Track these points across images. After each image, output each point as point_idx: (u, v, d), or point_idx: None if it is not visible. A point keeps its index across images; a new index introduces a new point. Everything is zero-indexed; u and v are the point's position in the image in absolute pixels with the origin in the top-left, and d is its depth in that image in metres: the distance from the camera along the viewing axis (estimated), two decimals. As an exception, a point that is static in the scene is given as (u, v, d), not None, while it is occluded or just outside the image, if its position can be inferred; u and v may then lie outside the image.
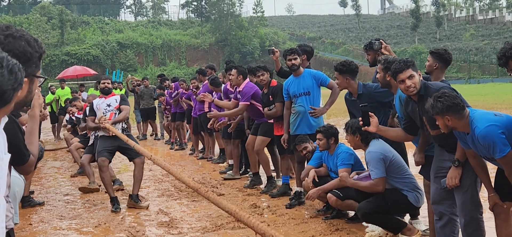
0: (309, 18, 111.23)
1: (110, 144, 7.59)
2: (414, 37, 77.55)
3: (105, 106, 7.81)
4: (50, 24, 68.29)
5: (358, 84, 5.96)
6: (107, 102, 7.84)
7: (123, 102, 7.87)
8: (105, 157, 7.51)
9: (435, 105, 3.90)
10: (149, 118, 17.23)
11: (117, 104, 7.83)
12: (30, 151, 2.70)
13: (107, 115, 7.67)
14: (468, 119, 3.91)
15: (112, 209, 7.44)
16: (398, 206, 5.49)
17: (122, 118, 7.76)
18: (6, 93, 1.30)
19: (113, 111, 7.78)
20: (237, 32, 74.80)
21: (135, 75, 56.54)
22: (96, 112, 7.83)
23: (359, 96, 5.90)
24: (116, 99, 7.89)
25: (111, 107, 7.81)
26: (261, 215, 6.81)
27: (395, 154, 5.52)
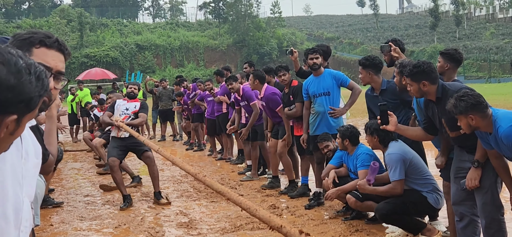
0: (327, 18, 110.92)
1: (120, 144, 8.01)
2: (433, 37, 76.90)
3: (123, 109, 8.27)
4: (70, 27, 68.97)
5: (382, 80, 5.93)
6: (126, 106, 8.32)
7: (142, 109, 8.35)
8: (115, 158, 7.84)
9: (458, 105, 3.85)
10: (167, 119, 17.31)
11: (135, 109, 8.32)
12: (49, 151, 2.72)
13: (121, 117, 8.13)
14: (491, 119, 3.86)
15: (121, 206, 7.72)
16: (417, 207, 5.43)
17: (137, 124, 8.23)
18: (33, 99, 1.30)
19: (129, 114, 8.27)
20: (254, 33, 74.82)
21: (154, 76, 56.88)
22: (115, 110, 8.28)
23: (381, 92, 5.86)
24: (136, 105, 8.37)
25: (128, 111, 8.29)
26: (280, 215, 6.79)
27: (414, 155, 5.48)
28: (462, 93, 3.91)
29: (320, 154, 7.22)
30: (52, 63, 1.91)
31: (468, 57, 62.25)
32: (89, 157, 13.53)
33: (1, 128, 1.28)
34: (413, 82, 4.46)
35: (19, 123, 1.33)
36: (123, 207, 7.69)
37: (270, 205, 7.33)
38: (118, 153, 7.94)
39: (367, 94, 6.17)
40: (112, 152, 7.95)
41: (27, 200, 1.82)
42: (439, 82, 4.43)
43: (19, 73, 1.26)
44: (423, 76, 4.38)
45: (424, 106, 4.69)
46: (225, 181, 9.35)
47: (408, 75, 4.49)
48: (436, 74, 4.44)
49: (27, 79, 1.28)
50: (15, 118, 1.29)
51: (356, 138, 6.29)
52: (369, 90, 6.13)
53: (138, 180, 9.50)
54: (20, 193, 1.76)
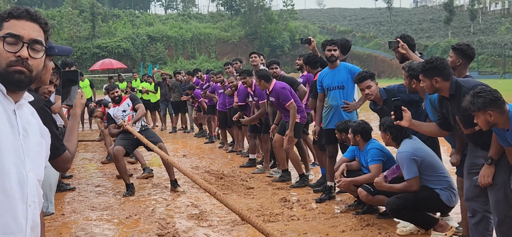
0: (340, 11, 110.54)
1: (129, 137, 8.22)
2: (447, 31, 76.35)
3: (121, 113, 8.59)
4: (82, 17, 69.20)
5: (380, 91, 5.91)
6: (121, 109, 8.64)
7: (135, 102, 8.66)
8: (120, 147, 8.13)
9: (475, 101, 3.80)
10: (179, 111, 17.34)
11: (130, 106, 8.66)
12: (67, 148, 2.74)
13: (125, 119, 8.44)
14: (509, 115, 3.80)
15: (124, 193, 8.02)
16: (428, 203, 5.38)
17: (139, 116, 8.51)
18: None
19: (129, 113, 8.58)
20: (267, 26, 74.69)
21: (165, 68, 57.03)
22: (115, 120, 8.60)
23: (384, 102, 5.84)
24: (128, 103, 8.69)
25: (127, 111, 8.61)
26: (290, 209, 6.77)
27: (428, 153, 5.43)
28: (479, 89, 3.85)
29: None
30: (22, 31, 1.87)
31: (483, 52, 61.76)
32: (101, 148, 13.58)
33: None
34: (426, 78, 4.42)
35: None
36: (126, 195, 7.95)
37: (280, 198, 7.30)
38: (125, 145, 8.21)
39: (372, 109, 6.18)
40: (119, 142, 8.24)
41: (33, 176, 1.87)
42: (452, 78, 4.37)
43: None
44: (436, 72, 4.34)
45: (438, 103, 4.65)
46: (236, 173, 9.34)
47: (421, 71, 4.46)
48: (449, 71, 4.39)
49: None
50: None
51: (368, 133, 6.25)
52: (372, 104, 6.11)
53: (149, 171, 9.57)
54: (23, 168, 1.82)
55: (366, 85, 5.91)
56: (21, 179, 1.80)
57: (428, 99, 4.94)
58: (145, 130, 8.46)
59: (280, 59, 11.02)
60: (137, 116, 8.46)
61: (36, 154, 1.92)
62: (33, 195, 1.86)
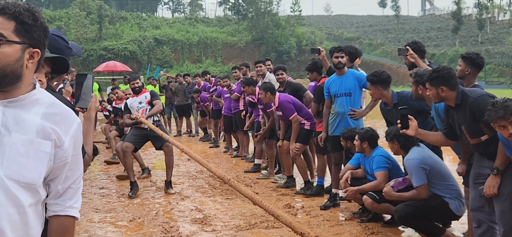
0: (347, 18, 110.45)
1: (140, 133, 8.46)
2: (455, 40, 76.13)
3: (137, 104, 8.64)
4: (89, 19, 69.41)
5: (392, 93, 5.86)
6: (138, 100, 8.68)
7: (154, 97, 8.67)
8: (130, 144, 8.31)
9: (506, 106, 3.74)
10: (184, 114, 17.34)
11: (147, 99, 8.66)
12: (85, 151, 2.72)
13: (140, 111, 8.49)
14: None
15: (129, 194, 8.11)
16: (437, 212, 5.33)
17: (156, 112, 8.48)
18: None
19: (145, 106, 8.60)
20: (274, 31, 74.67)
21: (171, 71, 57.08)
22: (131, 110, 8.58)
23: (394, 106, 5.80)
24: (146, 96, 8.71)
25: (142, 104, 8.62)
26: (295, 215, 6.73)
27: (436, 161, 5.39)
28: (505, 99, 3.79)
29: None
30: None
31: (490, 62, 61.55)
32: (105, 150, 13.59)
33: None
34: (432, 86, 4.41)
35: None
36: (131, 195, 8.05)
37: (285, 205, 7.27)
38: (135, 140, 8.40)
39: (382, 108, 6.13)
40: (129, 138, 8.42)
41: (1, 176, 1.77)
42: (459, 88, 4.35)
43: None
44: (442, 82, 4.32)
45: (444, 112, 4.63)
46: (241, 179, 9.31)
47: (428, 80, 4.45)
48: (455, 80, 4.36)
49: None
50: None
51: (375, 141, 6.22)
52: (383, 103, 6.08)
53: (148, 171, 9.79)
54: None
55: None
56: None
57: (434, 108, 4.92)
58: (157, 126, 8.37)
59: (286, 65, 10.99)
60: (153, 111, 8.45)
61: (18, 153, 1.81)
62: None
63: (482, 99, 4.18)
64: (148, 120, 8.19)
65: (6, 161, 1.78)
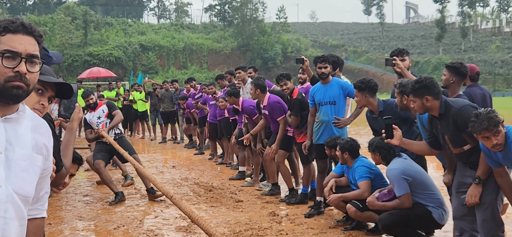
0: (333, 25, 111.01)
1: (104, 148, 8.51)
2: (439, 48, 76.87)
3: (96, 119, 8.71)
4: (74, 25, 69.03)
5: (378, 101, 5.91)
6: (96, 115, 8.75)
7: (111, 108, 8.73)
8: (100, 160, 8.33)
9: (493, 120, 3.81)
10: (169, 121, 17.31)
11: (105, 113, 8.75)
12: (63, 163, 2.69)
13: (100, 126, 8.58)
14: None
15: (110, 201, 8.12)
16: (421, 221, 5.37)
17: (116, 123, 8.61)
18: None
19: (104, 120, 8.68)
20: (259, 38, 74.83)
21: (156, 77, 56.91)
22: (91, 125, 8.74)
23: (380, 114, 5.84)
24: (103, 109, 8.79)
25: (102, 118, 8.71)
26: (279, 223, 6.74)
27: (418, 171, 5.43)
28: (488, 110, 3.85)
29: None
30: (20, 47, 1.86)
31: (473, 70, 62.18)
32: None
33: None
34: (416, 98, 4.44)
35: None
36: (113, 202, 8.04)
37: (269, 213, 7.27)
38: (103, 156, 8.43)
39: (368, 116, 6.18)
40: (97, 155, 8.44)
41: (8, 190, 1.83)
42: (442, 98, 4.40)
43: None
44: (426, 91, 4.36)
45: (428, 122, 4.68)
46: (225, 186, 9.30)
47: (411, 91, 4.48)
48: (438, 89, 4.41)
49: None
50: None
51: (356, 151, 6.24)
52: (368, 111, 6.12)
53: (130, 178, 9.80)
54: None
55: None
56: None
57: (419, 117, 4.97)
58: (119, 138, 8.59)
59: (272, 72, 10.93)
60: (113, 123, 8.54)
61: (21, 168, 1.88)
62: (4, 210, 1.81)
63: (465, 109, 4.23)
64: (110, 133, 8.42)
65: (12, 176, 1.84)
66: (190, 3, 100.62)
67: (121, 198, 8.18)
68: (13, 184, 1.84)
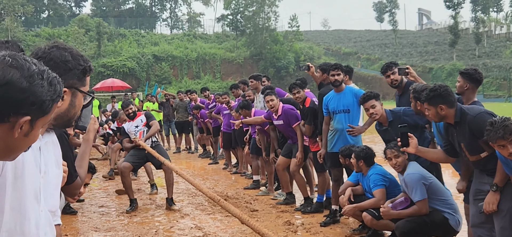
0: (345, 33, 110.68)
1: (138, 153, 8.66)
2: (452, 54, 76.31)
3: (134, 128, 8.93)
4: (88, 36, 69.52)
5: (386, 112, 5.89)
6: (134, 124, 8.98)
7: (149, 119, 8.93)
8: (128, 164, 8.51)
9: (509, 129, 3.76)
10: (183, 131, 17.33)
11: (143, 122, 8.98)
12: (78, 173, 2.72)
13: (137, 135, 8.80)
14: None
15: (127, 209, 8.28)
16: (437, 228, 5.34)
17: (153, 133, 8.81)
18: (45, 103, 1.40)
19: (142, 129, 8.91)
20: (272, 46, 74.76)
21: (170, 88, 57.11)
22: (129, 134, 8.92)
23: (390, 124, 5.82)
24: (141, 119, 9.03)
25: (140, 127, 8.93)
26: (295, 232, 6.72)
27: (433, 177, 5.40)
28: (503, 118, 3.81)
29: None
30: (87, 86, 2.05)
31: (488, 76, 61.69)
32: (105, 167, 13.56)
33: (15, 128, 1.37)
34: (431, 106, 4.41)
35: (32, 125, 1.41)
36: (129, 210, 8.20)
37: (285, 222, 7.26)
38: (134, 161, 8.59)
39: (378, 130, 6.16)
40: (128, 159, 8.60)
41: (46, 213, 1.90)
42: (457, 105, 4.36)
43: (31, 77, 1.37)
44: (440, 100, 4.33)
45: (444, 130, 4.64)
46: (240, 195, 9.30)
47: (425, 100, 4.45)
48: (453, 98, 4.38)
49: (39, 83, 1.38)
50: (28, 120, 1.38)
51: (371, 159, 6.21)
52: (377, 124, 6.10)
53: (156, 188, 10.04)
54: (37, 208, 1.84)
55: (371, 105, 5.91)
56: (37, 220, 1.82)
57: (435, 125, 4.93)
58: (156, 146, 8.73)
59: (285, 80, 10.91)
60: (150, 133, 8.75)
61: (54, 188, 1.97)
62: (45, 233, 1.87)
63: (481, 116, 4.20)
64: (147, 141, 8.55)
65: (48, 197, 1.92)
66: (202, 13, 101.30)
67: (134, 206, 8.36)
68: (48, 204, 1.92)
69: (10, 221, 1.71)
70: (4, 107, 1.32)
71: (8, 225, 1.70)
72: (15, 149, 1.45)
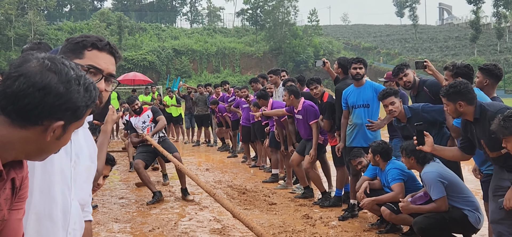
0: (365, 28, 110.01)
1: (148, 150, 8.76)
2: (474, 49, 75.47)
3: (141, 124, 9.02)
4: (109, 30, 70.05)
5: (404, 109, 5.86)
6: (141, 120, 9.03)
7: (156, 114, 9.06)
8: (140, 161, 8.61)
9: (508, 125, 3.75)
10: (203, 124, 17.42)
11: (150, 117, 9.10)
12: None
13: (145, 130, 8.94)
14: None
15: (148, 202, 8.33)
16: (456, 224, 5.31)
17: (160, 128, 8.94)
18: (79, 109, 1.40)
19: (149, 125, 9.04)
20: (291, 41, 74.63)
21: (189, 81, 57.36)
22: (136, 129, 8.97)
23: (408, 120, 5.80)
24: (148, 115, 9.15)
25: (146, 123, 9.08)
26: (313, 226, 6.74)
27: (453, 175, 5.38)
28: (510, 113, 3.80)
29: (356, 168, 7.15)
30: (103, 65, 1.94)
31: (509, 71, 61.00)
32: (124, 159, 13.70)
33: (48, 132, 1.37)
34: (450, 102, 4.39)
35: (65, 129, 1.41)
36: (150, 203, 8.24)
37: (303, 215, 7.28)
38: (144, 158, 8.68)
39: (396, 126, 6.14)
40: (139, 156, 8.72)
41: (76, 203, 1.90)
42: (477, 102, 4.34)
43: (68, 82, 1.36)
44: (459, 96, 4.30)
45: (462, 127, 4.61)
46: (259, 189, 9.34)
47: (445, 95, 4.42)
48: (473, 95, 4.35)
49: (76, 89, 1.38)
50: (61, 124, 1.38)
51: (388, 154, 6.19)
52: (396, 120, 6.08)
53: (168, 179, 10.23)
54: (68, 195, 1.85)
55: (390, 102, 5.88)
56: (66, 207, 1.83)
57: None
58: (163, 141, 8.91)
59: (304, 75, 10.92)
60: (157, 128, 8.87)
61: (84, 180, 1.96)
62: (74, 223, 1.88)
63: (502, 113, 4.17)
64: (154, 137, 8.74)
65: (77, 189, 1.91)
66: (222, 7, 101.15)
67: (159, 197, 8.42)
68: (78, 196, 1.91)
69: (38, 204, 1.73)
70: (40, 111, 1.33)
71: (37, 207, 1.73)
72: (46, 151, 1.46)
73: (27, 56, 1.40)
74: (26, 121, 1.35)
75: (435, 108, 5.66)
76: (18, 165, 1.47)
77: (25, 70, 1.34)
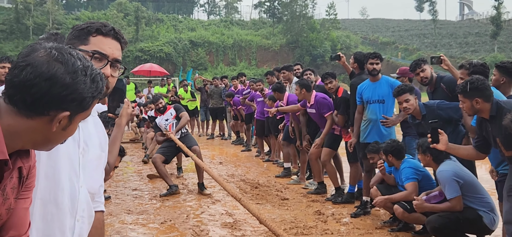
0: (383, 22, 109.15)
1: (170, 145, 8.83)
2: (494, 46, 74.54)
3: (164, 122, 9.18)
4: (126, 20, 70.37)
5: (419, 105, 5.79)
6: (165, 118, 9.22)
7: (178, 111, 9.16)
8: (160, 155, 8.72)
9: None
10: (217, 117, 17.42)
11: (173, 115, 9.19)
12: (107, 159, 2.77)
13: (167, 127, 9.04)
14: None
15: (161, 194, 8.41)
16: (471, 225, 5.24)
17: (183, 125, 9.01)
18: (85, 99, 1.41)
19: (171, 122, 9.12)
20: (308, 34, 74.36)
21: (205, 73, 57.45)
22: (160, 128, 9.17)
23: (423, 118, 5.73)
24: (171, 112, 9.25)
25: (169, 120, 9.15)
26: (324, 222, 6.70)
27: (469, 174, 5.30)
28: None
29: (369, 163, 7.09)
30: (108, 50, 1.95)
31: (529, 69, 60.14)
32: (138, 151, 13.76)
33: (53, 122, 1.38)
34: (466, 99, 4.33)
35: (71, 120, 1.42)
36: (163, 195, 8.31)
37: (315, 211, 7.25)
38: (165, 152, 8.77)
39: (411, 123, 6.08)
40: (160, 150, 8.82)
41: (85, 190, 1.91)
42: (493, 99, 4.27)
43: (75, 73, 1.37)
44: (476, 93, 4.24)
45: (477, 124, 4.54)
46: (271, 184, 9.32)
47: (461, 92, 4.36)
48: (490, 92, 4.28)
49: (82, 80, 1.38)
50: (67, 115, 1.39)
51: (400, 152, 6.12)
52: (410, 117, 6.01)
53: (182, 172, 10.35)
54: (76, 182, 1.86)
55: (404, 99, 5.81)
56: (73, 194, 1.84)
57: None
58: (185, 136, 8.97)
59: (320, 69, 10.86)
60: (180, 125, 8.94)
61: (93, 168, 1.97)
62: (82, 210, 1.89)
63: None
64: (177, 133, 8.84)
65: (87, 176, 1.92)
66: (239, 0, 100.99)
67: (175, 190, 8.49)
68: (87, 184, 1.92)
69: (44, 189, 1.74)
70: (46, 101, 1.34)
71: (42, 192, 1.74)
72: (52, 141, 1.47)
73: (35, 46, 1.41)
74: (32, 111, 1.35)
75: (451, 106, 5.59)
76: (25, 154, 1.48)
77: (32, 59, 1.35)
